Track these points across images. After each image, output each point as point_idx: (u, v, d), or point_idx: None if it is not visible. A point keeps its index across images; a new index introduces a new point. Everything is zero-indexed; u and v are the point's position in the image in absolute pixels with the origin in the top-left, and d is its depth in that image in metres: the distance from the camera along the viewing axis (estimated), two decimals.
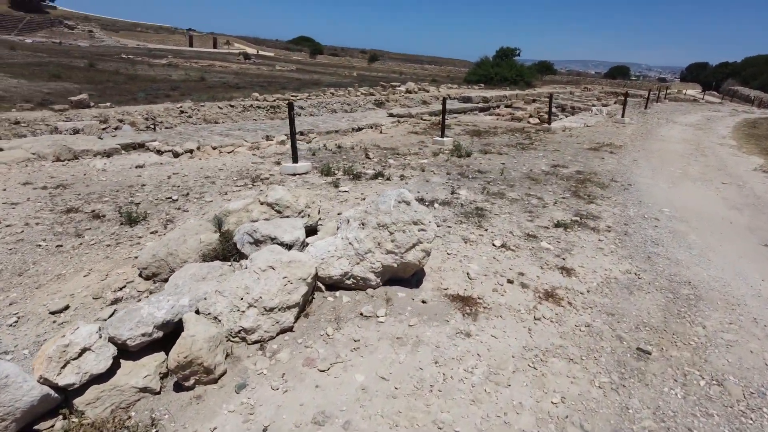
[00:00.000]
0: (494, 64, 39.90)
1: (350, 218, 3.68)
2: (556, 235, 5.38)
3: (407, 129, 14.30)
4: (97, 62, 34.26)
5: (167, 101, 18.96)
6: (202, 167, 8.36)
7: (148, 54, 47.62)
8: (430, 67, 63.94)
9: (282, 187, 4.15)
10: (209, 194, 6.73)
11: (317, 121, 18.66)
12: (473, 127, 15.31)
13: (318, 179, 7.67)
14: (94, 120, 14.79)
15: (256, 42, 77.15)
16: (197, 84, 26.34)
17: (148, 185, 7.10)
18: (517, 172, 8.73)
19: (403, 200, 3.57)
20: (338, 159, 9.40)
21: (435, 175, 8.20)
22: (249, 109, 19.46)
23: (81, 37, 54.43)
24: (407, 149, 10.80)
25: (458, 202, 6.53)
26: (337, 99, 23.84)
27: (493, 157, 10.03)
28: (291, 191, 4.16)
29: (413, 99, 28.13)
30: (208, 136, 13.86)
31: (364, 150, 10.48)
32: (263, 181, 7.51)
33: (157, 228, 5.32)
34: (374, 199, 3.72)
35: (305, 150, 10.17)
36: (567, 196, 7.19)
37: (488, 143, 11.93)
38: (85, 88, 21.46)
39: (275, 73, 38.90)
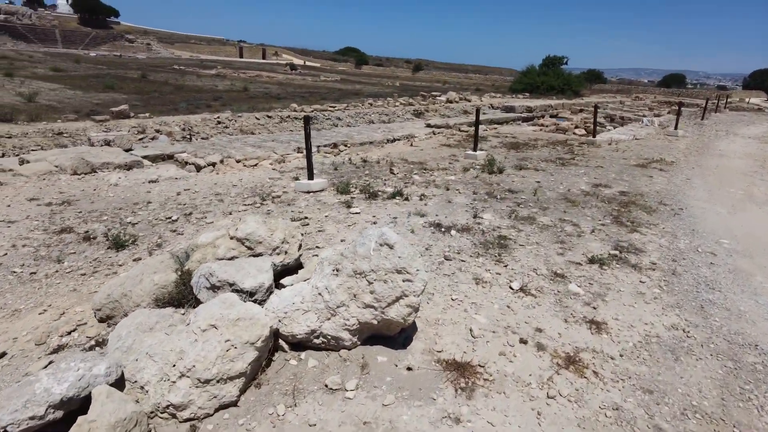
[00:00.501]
0: (540, 72, 38.48)
1: (325, 260, 3.02)
2: (588, 275, 4.52)
3: (440, 141, 13.56)
4: (150, 73, 35.27)
5: (207, 111, 18.99)
6: (216, 183, 7.93)
7: (199, 65, 48.84)
8: (475, 76, 62.68)
9: (256, 218, 3.55)
10: (213, 214, 6.25)
11: (353, 132, 18.20)
12: (512, 139, 14.38)
13: (332, 198, 7.07)
14: (132, 130, 14.84)
15: (304, 53, 78.14)
16: (240, 94, 26.50)
17: (153, 203, 6.70)
18: (553, 192, 7.84)
19: (385, 243, 2.88)
20: (361, 174, 8.79)
21: (459, 194, 7.43)
22: (286, 120, 19.24)
23: (140, 49, 56.64)
24: (436, 164, 10.06)
25: (480, 228, 5.75)
26: (375, 109, 23.37)
27: (527, 174, 9.15)
28: (266, 223, 3.55)
29: (454, 109, 27.35)
30: (240, 147, 13.61)
31: (390, 164, 9.82)
32: (274, 199, 6.98)
33: (141, 254, 4.84)
34: (354, 238, 3.05)
35: (328, 164, 9.62)
36: (607, 223, 6.27)
37: (525, 158, 11.03)
38: (133, 98, 21.88)
39: (318, 83, 38.96)
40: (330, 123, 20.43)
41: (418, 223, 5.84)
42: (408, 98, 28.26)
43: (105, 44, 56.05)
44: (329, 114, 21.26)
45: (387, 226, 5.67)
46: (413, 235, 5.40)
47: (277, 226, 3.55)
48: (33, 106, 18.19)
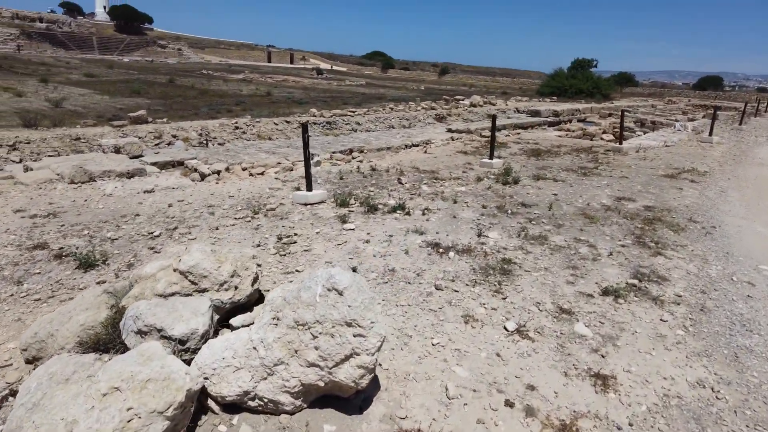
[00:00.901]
0: (569, 75, 37.31)
1: (269, 305, 2.51)
2: (600, 310, 3.88)
3: (457, 148, 12.94)
4: (178, 78, 35.58)
5: (228, 116, 18.80)
6: (212, 193, 7.54)
7: (227, 69, 49.26)
8: (502, 80, 61.50)
9: (202, 248, 3.07)
10: (199, 229, 5.83)
11: (371, 137, 17.75)
12: (533, 146, 13.65)
13: (329, 211, 6.57)
14: (149, 135, 14.70)
15: (331, 57, 78.23)
16: (262, 99, 26.34)
17: (142, 215, 6.33)
18: (571, 206, 7.16)
19: (334, 287, 2.36)
20: (366, 184, 8.28)
21: (467, 208, 6.83)
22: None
23: (171, 55, 57.63)
24: (448, 173, 9.47)
25: (483, 249, 5.16)
26: (396, 114, 22.87)
27: (545, 185, 8.47)
28: (214, 254, 3.07)
29: (477, 113, 26.64)
30: (254, 153, 13.29)
31: (399, 173, 9.29)
32: (268, 212, 6.52)
33: (106, 277, 4.44)
34: (302, 278, 2.53)
35: (335, 173, 9.14)
36: (628, 244, 5.58)
37: (545, 166, 10.32)
38: (156, 103, 21.92)
39: (343, 88, 38.70)
40: (349, 128, 20.02)
41: (415, 243, 5.28)
42: (430, 102, 27.65)
43: (138, 50, 57.22)
44: (348, 119, 20.85)
45: (379, 246, 5.14)
46: (406, 257, 4.85)
47: (226, 257, 3.06)
48: (59, 111, 18.32)
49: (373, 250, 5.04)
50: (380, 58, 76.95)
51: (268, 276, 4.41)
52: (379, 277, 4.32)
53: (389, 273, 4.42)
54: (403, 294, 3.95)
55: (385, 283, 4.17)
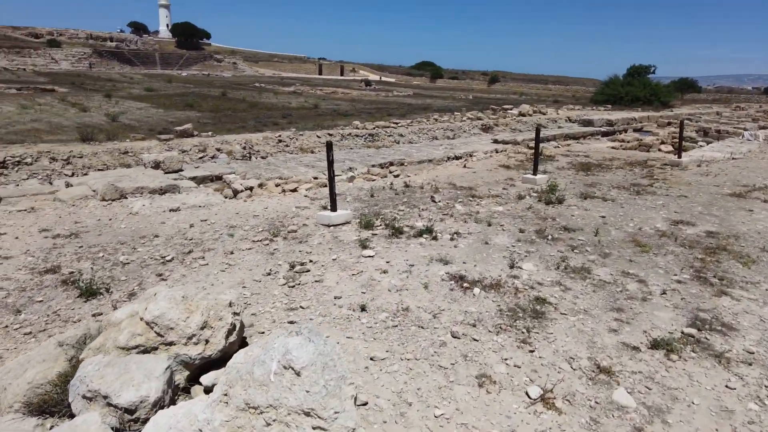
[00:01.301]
0: (625, 83, 35.43)
1: (227, 372, 2.08)
2: (648, 370, 3.21)
3: (499, 161, 12.24)
4: (231, 91, 36.48)
5: (274, 129, 18.86)
6: (237, 212, 7.29)
7: (279, 82, 50.25)
8: (554, 88, 59.46)
9: (171, 295, 2.69)
10: (213, 253, 5.54)
11: (412, 149, 17.30)
12: (583, 159, 12.75)
13: (351, 234, 6.14)
14: (194, 149, 14.87)
15: (380, 68, 78.43)
16: (309, 112, 26.43)
17: (160, 236, 6.12)
18: (620, 231, 6.39)
19: (290, 365, 1.89)
20: (398, 203, 7.80)
21: (502, 232, 6.21)
22: (347, 137, 18.71)
23: (226, 68, 59.62)
24: (487, 190, 8.85)
25: (514, 284, 4.55)
26: (440, 125, 22.31)
27: (593, 206, 7.69)
28: (184, 301, 2.67)
29: (526, 123, 25.67)
30: (293, 167, 13.14)
31: (434, 190, 8.75)
32: (288, 234, 6.17)
33: (102, 308, 4.18)
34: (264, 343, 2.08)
35: (366, 191, 8.71)
36: (685, 279, 4.81)
37: (594, 183, 9.49)
38: (207, 116, 22.34)
39: (389, 98, 38.48)
40: (391, 140, 19.65)
41: (438, 275, 4.75)
42: (477, 112, 26.89)
43: (196, 64, 59.58)
44: (391, 131, 20.48)
45: (397, 277, 4.64)
46: (424, 293, 4.32)
47: (197, 305, 2.66)
48: (115, 125, 18.95)
49: (390, 282, 4.55)
50: (429, 68, 76.37)
51: (269, 312, 4.01)
52: (390, 317, 3.82)
53: (402, 313, 3.91)
54: (411, 342, 3.43)
55: (395, 327, 3.66)
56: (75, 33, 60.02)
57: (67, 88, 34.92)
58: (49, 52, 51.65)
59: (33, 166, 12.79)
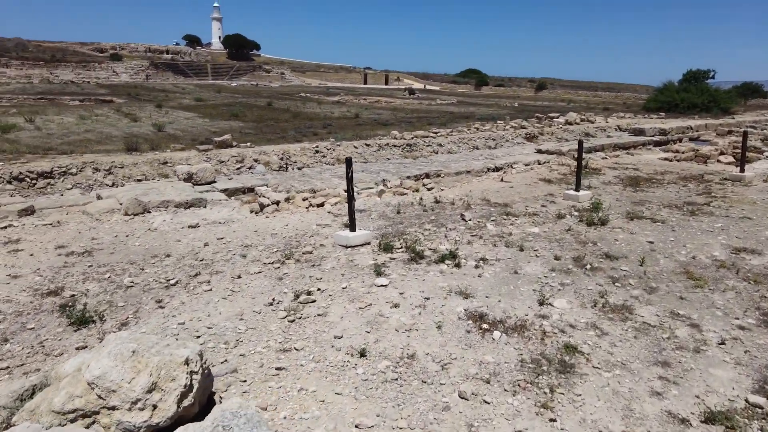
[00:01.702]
0: (680, 89, 33.40)
1: None
2: None
3: (540, 174, 11.48)
4: (276, 101, 36.90)
5: (313, 139, 18.72)
6: (256, 230, 6.97)
7: (325, 92, 50.64)
8: (604, 95, 57.01)
9: (117, 350, 2.30)
10: (221, 276, 5.20)
11: (451, 160, 16.74)
12: (632, 172, 11.80)
13: (368, 257, 5.67)
14: (231, 159, 14.88)
15: (425, 77, 77.92)
16: (349, 121, 26.22)
17: (172, 256, 5.86)
18: (670, 259, 5.61)
19: None
20: (425, 221, 7.29)
21: (535, 259, 5.57)
22: (384, 147, 18.34)
23: (274, 78, 60.78)
24: (523, 207, 8.19)
25: (541, 327, 3.94)
26: (482, 134, 21.58)
27: (640, 228, 6.90)
28: (133, 357, 2.27)
29: (573, 132, 24.55)
30: (327, 178, 12.88)
31: (466, 206, 8.17)
32: (303, 256, 5.77)
33: (88, 340, 3.88)
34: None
35: (393, 207, 8.23)
36: (749, 325, 4.04)
37: (643, 200, 8.63)
38: (249, 126, 22.48)
39: (432, 107, 37.91)
40: (430, 150, 19.13)
41: (455, 311, 4.20)
42: (520, 121, 25.94)
43: (246, 75, 61.06)
44: (430, 140, 19.95)
45: (408, 313, 4.12)
46: (436, 335, 3.78)
47: (146, 363, 2.26)
48: (160, 135, 19.31)
49: (399, 320, 4.04)
50: (474, 76, 75.11)
51: (260, 353, 3.59)
52: (391, 367, 3.31)
53: (406, 361, 3.39)
54: (409, 404, 2.90)
55: (394, 381, 3.15)
56: (135, 47, 63.08)
57: (124, 99, 36.34)
58: (111, 66, 54.40)
59: (78, 176, 13.07)
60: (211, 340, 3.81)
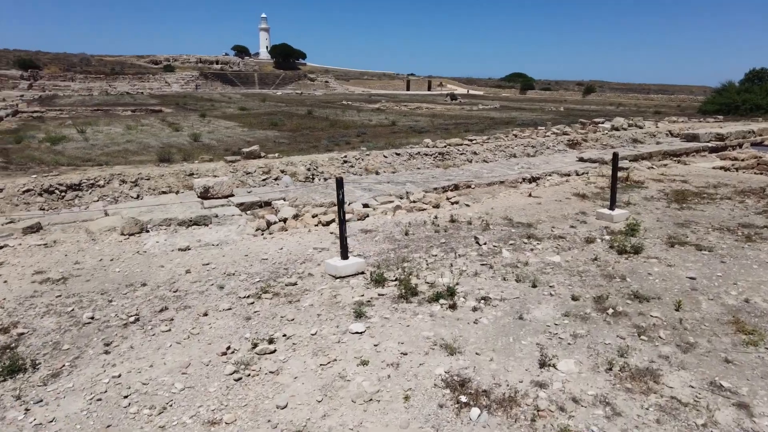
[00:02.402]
0: (741, 89, 30.75)
1: None
2: None
3: (575, 188, 10.40)
4: (317, 109, 36.75)
5: (346, 148, 18.25)
6: (248, 254, 6.40)
7: (367, 99, 50.33)
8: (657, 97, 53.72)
9: None
10: (187, 313, 4.62)
11: (484, 169, 15.79)
12: (679, 184, 10.52)
13: (355, 291, 4.95)
14: (258, 170, 14.57)
15: (469, 82, 76.40)
16: (385, 129, 25.58)
17: (149, 284, 5.37)
18: (715, 302, 4.58)
19: None
20: (432, 245, 6.51)
21: (548, 299, 4.69)
22: (415, 156, 17.60)
23: (319, 87, 61.17)
24: (549, 228, 7.25)
25: (535, 401, 3.10)
26: (520, 141, 20.42)
27: (681, 258, 5.84)
28: None
29: (620, 138, 22.93)
30: (350, 190, 12.28)
31: (485, 226, 7.32)
32: (285, 288, 5.13)
33: (4, 398, 3.37)
34: None
35: (401, 227, 7.48)
36: None
37: (688, 221, 7.48)
38: (285, 135, 22.20)
39: (472, 113, 36.78)
40: (463, 159, 18.21)
41: (433, 374, 3.41)
42: (563, 126, 24.51)
43: (291, 83, 61.79)
44: (465, 148, 19.00)
45: (375, 376, 3.37)
46: (400, 410, 3.01)
47: None
48: (196, 145, 19.32)
49: (361, 385, 3.30)
50: (519, 80, 72.88)
51: (182, 426, 2.95)
52: None
53: None
54: None
55: None
56: (187, 58, 65.36)
57: (172, 109, 37.26)
58: (163, 77, 56.47)
59: (105, 188, 13.05)
60: (137, 402, 3.21)
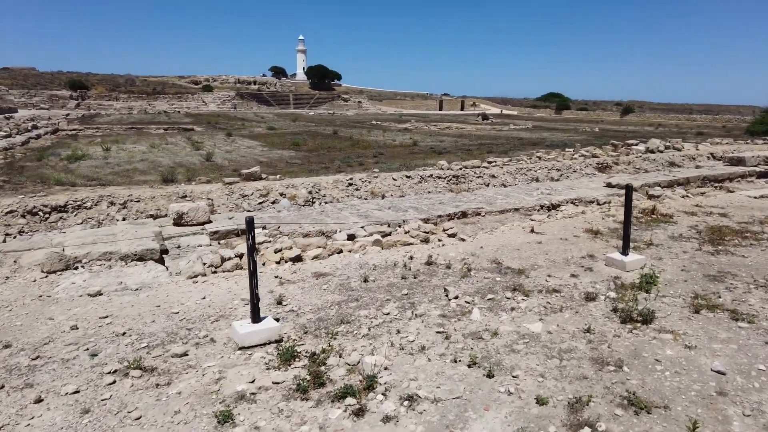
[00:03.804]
0: None
1: None
2: None
3: (588, 221, 8.76)
4: (343, 129, 35.92)
5: (358, 170, 17.16)
6: (160, 304, 5.20)
7: (398, 119, 49.31)
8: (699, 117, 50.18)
9: None
10: (20, 395, 3.44)
11: (499, 194, 14.30)
12: (716, 218, 8.72)
13: (246, 373, 3.64)
14: (255, 193, 13.66)
15: (503, 102, 74.41)
16: (404, 149, 24.32)
17: (14, 346, 4.24)
18: (754, 422, 3.01)
19: None
20: (390, 298, 5.15)
21: (502, 402, 3.23)
22: (427, 179, 16.26)
23: (351, 107, 60.86)
24: (545, 277, 5.74)
25: None
26: (544, 164, 18.75)
27: (706, 334, 4.23)
28: None
29: (654, 161, 20.89)
30: (345, 217, 11.09)
31: (464, 272, 5.89)
32: (166, 360, 3.88)
33: None
34: None
35: (364, 271, 6.15)
36: None
37: (724, 271, 5.80)
38: (300, 155, 21.30)
39: (501, 133, 35.06)
40: (480, 182, 16.73)
41: None
42: (593, 149, 22.59)
43: (325, 103, 61.76)
44: (482, 171, 17.52)
45: None
46: None
47: None
48: (206, 165, 18.64)
49: None
50: (555, 100, 70.38)
51: None
52: None
53: None
54: None
55: None
56: (226, 78, 66.72)
57: (203, 127, 37.31)
58: (201, 96, 57.64)
59: (92, 210, 12.33)
60: None
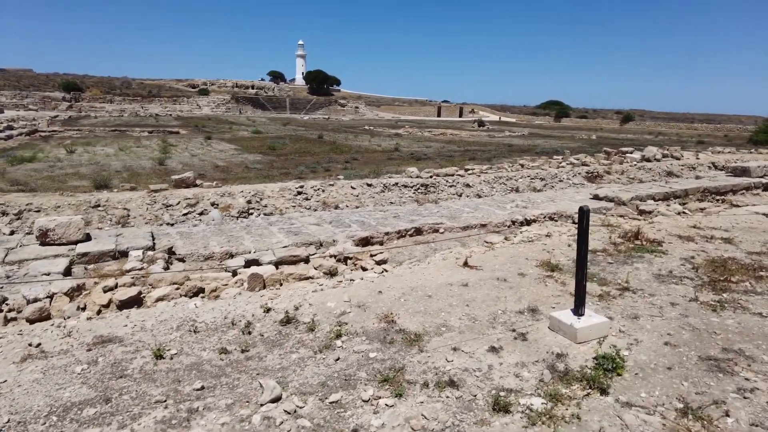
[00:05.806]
0: None
1: None
2: None
3: (550, 248, 6.54)
4: (330, 134, 33.96)
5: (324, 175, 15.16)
6: None
7: (392, 125, 47.27)
8: (701, 126, 47.67)
9: None
10: None
11: (467, 207, 12.16)
12: (720, 245, 6.45)
13: None
14: (182, 202, 11.60)
15: (502, 109, 72.24)
16: (381, 155, 22.20)
17: None
18: None
19: None
20: (167, 397, 3.02)
21: None
22: (391, 188, 14.08)
23: (348, 112, 58.93)
24: (447, 353, 3.57)
25: None
26: (527, 172, 16.55)
27: None
28: None
29: (651, 170, 18.65)
30: (273, 233, 8.93)
31: (331, 338, 3.73)
32: None
33: None
34: None
35: (177, 335, 4.00)
36: None
37: (732, 343, 3.59)
38: (266, 160, 19.36)
39: (493, 140, 32.83)
40: (452, 192, 14.55)
41: None
42: (582, 156, 20.31)
43: (322, 109, 59.88)
44: (456, 180, 15.33)
45: None
46: None
47: None
48: (157, 169, 16.76)
49: None
50: (555, 107, 68.28)
51: None
52: None
53: None
54: None
55: None
56: (224, 82, 65.05)
57: (189, 131, 35.55)
58: (195, 100, 55.96)
59: None
60: None
